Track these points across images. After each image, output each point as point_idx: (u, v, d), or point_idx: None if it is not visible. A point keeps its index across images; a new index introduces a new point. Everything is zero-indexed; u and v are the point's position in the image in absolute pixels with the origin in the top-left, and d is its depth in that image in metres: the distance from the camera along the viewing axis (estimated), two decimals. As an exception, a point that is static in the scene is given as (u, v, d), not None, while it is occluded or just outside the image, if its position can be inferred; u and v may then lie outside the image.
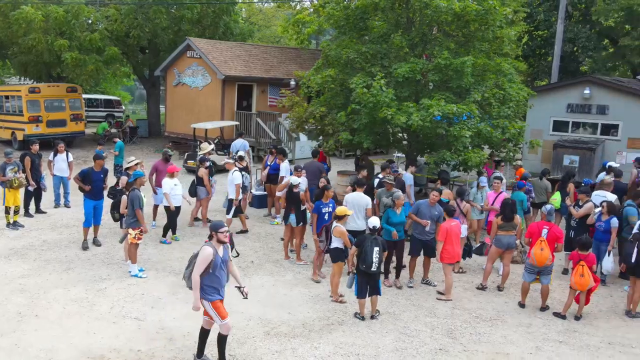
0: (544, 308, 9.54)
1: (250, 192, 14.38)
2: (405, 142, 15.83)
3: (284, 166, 14.12)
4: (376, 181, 12.45)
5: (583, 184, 12.85)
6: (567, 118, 19.40)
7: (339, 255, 9.45)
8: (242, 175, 13.02)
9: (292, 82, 23.12)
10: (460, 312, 9.37)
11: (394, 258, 10.47)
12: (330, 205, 10.38)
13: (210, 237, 7.14)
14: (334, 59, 15.17)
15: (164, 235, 12.50)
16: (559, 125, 19.55)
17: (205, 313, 7.27)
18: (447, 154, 13.26)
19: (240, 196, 12.82)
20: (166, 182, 12.18)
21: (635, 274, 9.34)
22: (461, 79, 13.60)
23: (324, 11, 17.39)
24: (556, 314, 9.34)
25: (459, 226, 10.15)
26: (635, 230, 9.69)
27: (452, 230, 9.80)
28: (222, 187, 14.98)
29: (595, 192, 11.98)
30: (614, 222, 10.48)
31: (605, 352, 8.19)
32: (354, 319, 8.93)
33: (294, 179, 11.52)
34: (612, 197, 11.50)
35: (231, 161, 13.47)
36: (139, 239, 10.26)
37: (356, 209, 10.34)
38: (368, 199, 10.57)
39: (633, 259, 9.25)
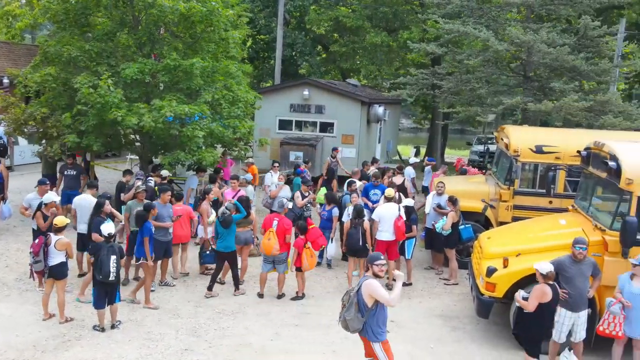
0: (280, 296, 10.22)
1: None
2: (138, 144, 15.45)
3: None
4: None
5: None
6: (291, 117, 20.98)
7: (63, 271, 8.70)
8: None
9: (6, 81, 20.84)
10: (204, 309, 9.55)
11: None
12: None
13: (367, 270, 6.35)
14: (54, 56, 14.04)
15: None
16: (284, 124, 21.04)
17: (369, 354, 6.33)
18: (181, 154, 13.31)
19: None
20: None
21: (357, 254, 10.56)
22: (191, 80, 13.74)
23: (38, 4, 15.97)
24: (294, 299, 10.11)
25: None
26: (350, 217, 10.84)
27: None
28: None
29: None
30: (335, 211, 11.71)
31: (335, 328, 9.05)
32: (93, 331, 8.50)
33: (47, 197, 10.15)
34: (360, 183, 12.96)
35: None
36: None
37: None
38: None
39: (361, 243, 10.38)
